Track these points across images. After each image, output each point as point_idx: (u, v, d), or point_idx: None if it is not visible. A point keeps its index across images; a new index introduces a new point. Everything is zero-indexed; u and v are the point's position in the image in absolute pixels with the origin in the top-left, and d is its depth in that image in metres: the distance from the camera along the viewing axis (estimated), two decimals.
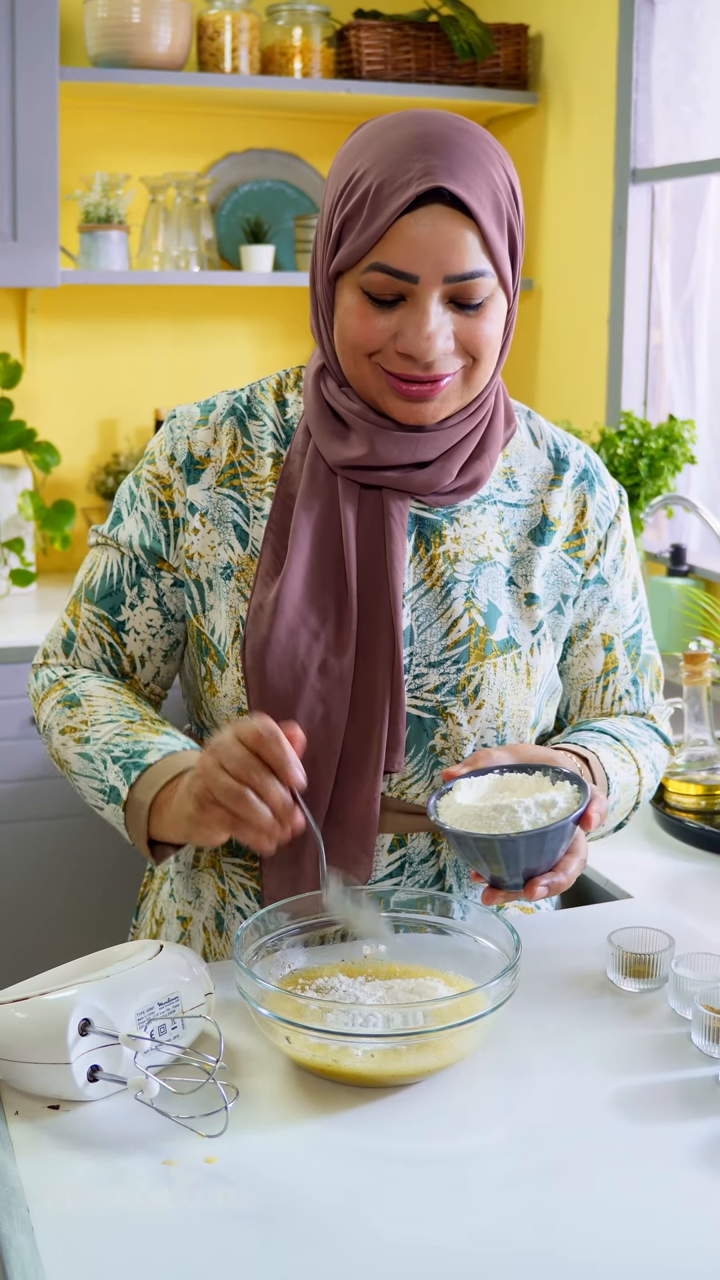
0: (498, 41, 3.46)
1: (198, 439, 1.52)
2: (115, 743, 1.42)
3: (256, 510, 1.49)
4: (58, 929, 3.07)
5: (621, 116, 3.20)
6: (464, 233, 1.36)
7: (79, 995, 1.18)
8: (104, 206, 3.35)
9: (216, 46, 3.39)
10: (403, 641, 1.44)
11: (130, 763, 1.40)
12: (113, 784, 1.40)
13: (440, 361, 1.38)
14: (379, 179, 1.36)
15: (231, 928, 1.52)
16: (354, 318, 1.39)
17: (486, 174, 1.37)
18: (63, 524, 3.36)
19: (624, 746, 1.54)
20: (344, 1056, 1.19)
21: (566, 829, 1.29)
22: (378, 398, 1.43)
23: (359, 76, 3.43)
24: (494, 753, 1.38)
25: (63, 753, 1.48)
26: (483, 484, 1.49)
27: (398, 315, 1.38)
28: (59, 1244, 1.02)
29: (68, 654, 1.56)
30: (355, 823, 1.44)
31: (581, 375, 3.42)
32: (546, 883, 1.31)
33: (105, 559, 1.54)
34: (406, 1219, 1.05)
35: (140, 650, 1.54)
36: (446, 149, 1.36)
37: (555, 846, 1.30)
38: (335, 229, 1.40)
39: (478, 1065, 1.25)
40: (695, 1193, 1.09)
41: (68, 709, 1.48)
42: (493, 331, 1.41)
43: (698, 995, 1.28)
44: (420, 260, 1.35)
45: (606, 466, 2.89)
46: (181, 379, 3.69)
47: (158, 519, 1.52)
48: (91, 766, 1.43)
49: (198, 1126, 1.14)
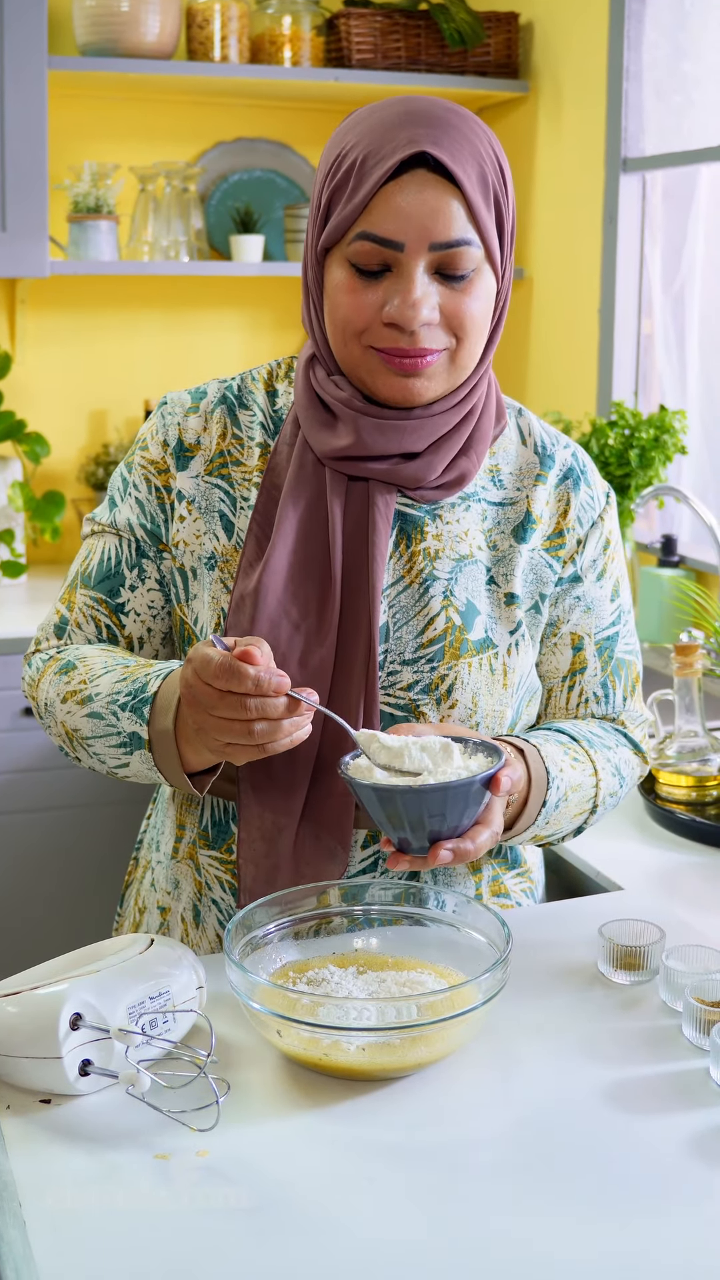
0: (488, 30, 3.46)
1: (189, 426, 1.52)
2: (118, 690, 1.41)
3: (243, 500, 1.49)
4: (46, 922, 3.07)
5: (612, 105, 3.19)
6: (449, 200, 1.36)
7: (70, 990, 1.18)
8: (93, 196, 3.34)
9: (206, 35, 3.38)
10: (378, 637, 1.44)
11: (137, 703, 1.38)
12: (130, 730, 1.39)
13: (425, 333, 1.38)
14: (365, 151, 1.37)
15: (208, 920, 1.52)
16: (342, 293, 1.40)
17: (473, 146, 1.38)
18: (53, 515, 3.36)
19: (580, 747, 1.50)
20: (335, 1050, 1.19)
21: (472, 786, 1.27)
22: (367, 378, 1.42)
23: (349, 65, 3.42)
24: (417, 726, 1.37)
25: (70, 721, 1.45)
26: (468, 481, 1.49)
27: (384, 286, 1.38)
28: (51, 1238, 1.02)
29: (60, 638, 1.55)
30: (331, 817, 1.44)
31: (572, 365, 3.42)
32: (450, 847, 1.28)
33: (102, 545, 1.54)
34: (398, 1211, 1.05)
35: (140, 632, 1.53)
36: (432, 121, 1.37)
37: (461, 806, 1.28)
38: (324, 204, 1.41)
39: (469, 1058, 1.25)
40: (686, 1184, 1.09)
41: (64, 675, 1.47)
42: (479, 309, 1.41)
43: (688, 988, 1.29)
44: (405, 227, 1.36)
45: (597, 457, 2.89)
46: (171, 369, 3.68)
47: (155, 503, 1.51)
48: (104, 724, 1.41)
49: (189, 1120, 1.14)
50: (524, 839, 1.48)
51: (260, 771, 1.41)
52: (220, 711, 1.26)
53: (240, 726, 1.26)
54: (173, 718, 1.35)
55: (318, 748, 1.42)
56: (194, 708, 1.29)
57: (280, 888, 1.40)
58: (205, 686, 1.26)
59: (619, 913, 1.51)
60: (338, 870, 1.44)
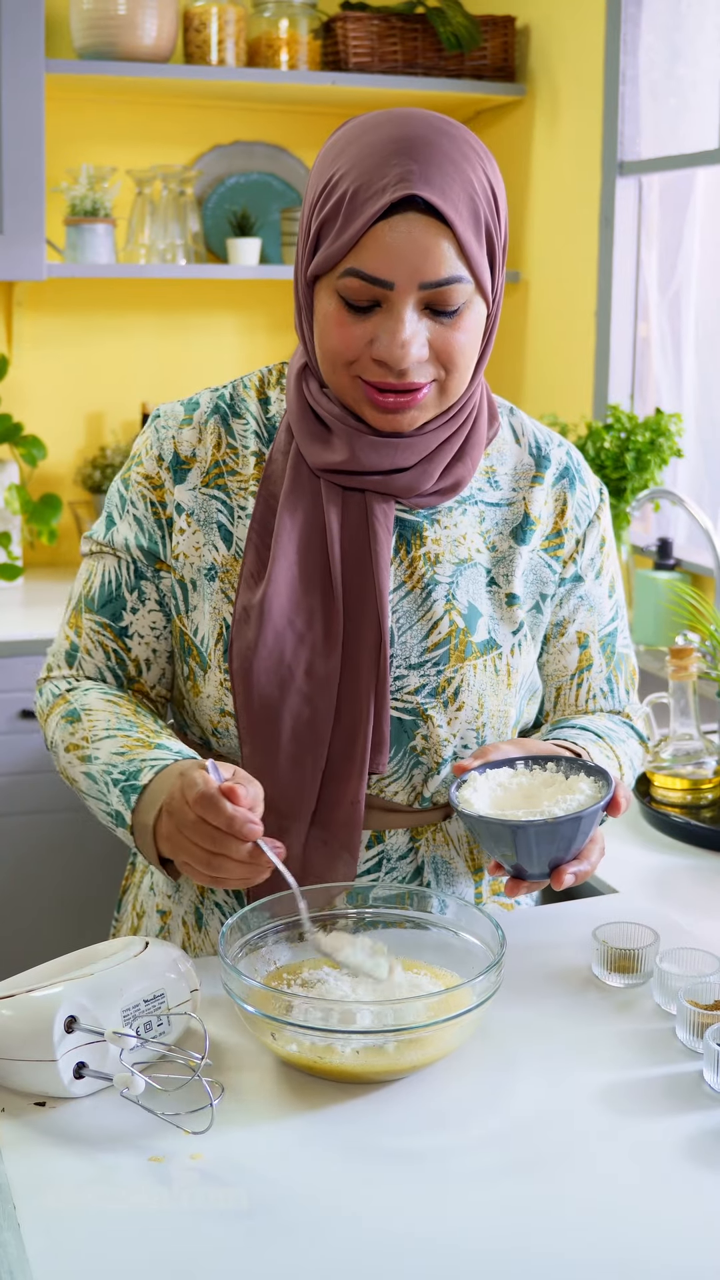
0: (485, 33, 3.46)
1: (183, 439, 1.52)
2: (114, 764, 1.42)
3: (241, 509, 1.49)
4: (44, 924, 3.07)
5: (609, 109, 3.20)
6: (439, 240, 1.35)
7: (65, 992, 1.18)
8: (90, 199, 3.34)
9: (203, 38, 3.38)
10: (388, 643, 1.44)
11: (128, 786, 1.39)
12: (116, 809, 1.40)
13: (414, 370, 1.38)
14: (355, 183, 1.35)
15: (210, 923, 1.52)
16: (331, 325, 1.39)
17: (465, 179, 1.36)
18: (49, 518, 3.36)
19: (606, 743, 1.54)
20: (329, 1053, 1.19)
21: (597, 815, 1.32)
22: (354, 407, 1.43)
23: (346, 68, 3.42)
24: (502, 746, 1.41)
25: (70, 771, 1.48)
26: (464, 486, 1.49)
27: (373, 321, 1.37)
28: (46, 1240, 1.02)
29: (71, 665, 1.55)
30: (340, 824, 1.44)
31: (568, 368, 3.42)
32: (574, 870, 1.33)
33: (102, 567, 1.53)
34: (392, 1214, 1.06)
35: (145, 654, 1.54)
36: (424, 153, 1.35)
37: (586, 833, 1.32)
38: (313, 232, 1.39)
39: (463, 1061, 1.25)
40: (679, 1187, 1.09)
41: (69, 725, 1.48)
42: (468, 341, 1.40)
43: (682, 990, 1.29)
44: (395, 267, 1.34)
45: (593, 460, 2.90)
46: (168, 372, 3.69)
47: (151, 520, 1.51)
48: (96, 789, 1.43)
49: (183, 1123, 1.15)
50: None
51: (268, 777, 1.42)
52: (189, 833, 1.30)
53: (201, 854, 1.29)
54: (155, 815, 1.37)
55: (326, 752, 1.43)
56: (170, 818, 1.32)
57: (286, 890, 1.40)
58: (184, 806, 1.30)
59: (613, 915, 1.52)
60: (345, 873, 1.45)
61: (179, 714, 1.57)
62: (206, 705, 1.47)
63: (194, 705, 1.50)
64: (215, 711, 1.47)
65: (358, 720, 1.42)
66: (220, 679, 1.46)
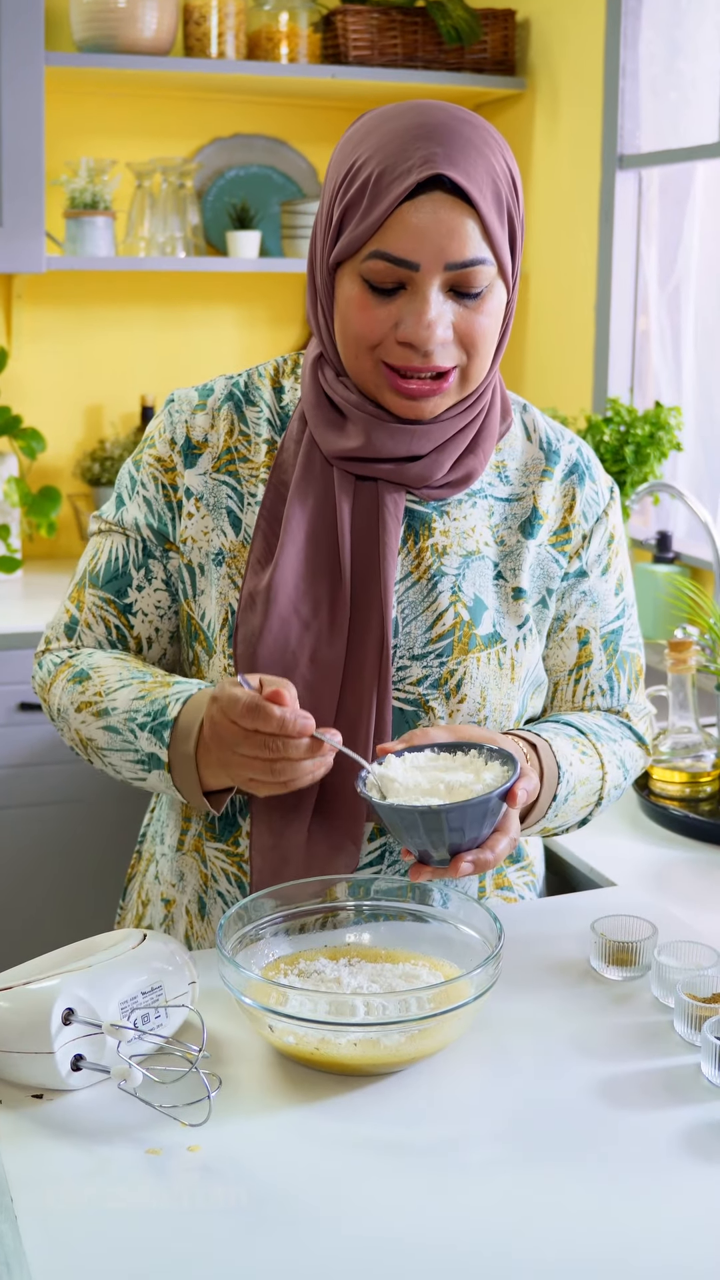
0: (485, 27, 3.46)
1: (196, 423, 1.52)
2: (135, 709, 1.41)
3: (250, 496, 1.50)
4: (46, 917, 3.07)
5: (609, 102, 3.19)
6: (464, 220, 1.36)
7: (62, 984, 1.18)
8: (90, 192, 3.34)
9: (203, 31, 3.38)
10: (391, 633, 1.44)
11: (157, 725, 1.39)
12: (149, 751, 1.40)
13: (438, 352, 1.38)
14: (379, 167, 1.36)
15: (213, 912, 1.53)
16: (355, 309, 1.39)
17: (487, 163, 1.37)
18: (48, 510, 3.36)
19: (588, 740, 1.52)
20: (327, 1045, 1.19)
21: (489, 803, 1.27)
22: (376, 393, 1.43)
23: (346, 62, 3.42)
24: (430, 731, 1.37)
25: (85, 730, 1.46)
26: (475, 479, 1.49)
27: (398, 304, 1.38)
28: (43, 1232, 1.02)
29: (70, 638, 1.55)
30: (343, 813, 1.44)
31: (568, 362, 3.42)
32: (471, 859, 1.29)
33: (110, 544, 1.54)
34: (389, 1206, 1.06)
35: (148, 632, 1.54)
36: (447, 137, 1.36)
37: (479, 821, 1.28)
38: (336, 218, 1.40)
39: (461, 1053, 1.25)
40: (676, 1180, 1.09)
41: (78, 684, 1.48)
42: (491, 325, 1.41)
43: (680, 983, 1.29)
44: (420, 248, 1.35)
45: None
46: (168, 365, 3.68)
47: (162, 502, 1.52)
48: (121, 739, 1.42)
49: (181, 1115, 1.15)
50: (532, 832, 1.50)
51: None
52: (245, 750, 1.29)
53: (263, 765, 1.30)
54: (194, 743, 1.37)
55: None
56: (218, 744, 1.32)
57: (289, 880, 1.41)
58: (231, 725, 1.29)
59: (612, 908, 1.52)
60: (348, 864, 1.45)
61: None
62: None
63: None
64: None
65: (360, 709, 1.42)
66: (224, 664, 1.46)
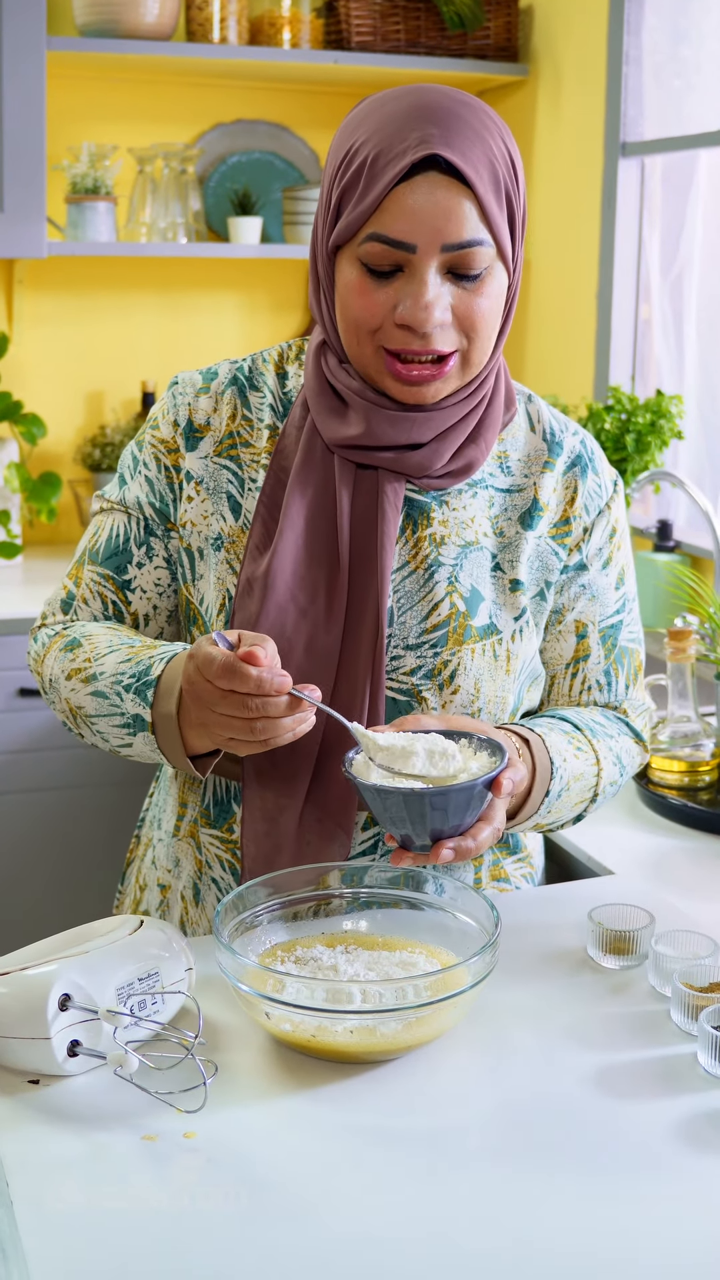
0: (488, 13, 3.44)
1: (199, 406, 1.52)
2: (122, 671, 1.41)
3: (251, 481, 1.49)
4: (45, 902, 3.07)
5: (612, 89, 3.18)
6: (461, 201, 1.35)
7: (59, 970, 1.18)
8: (91, 177, 3.33)
9: (205, 16, 3.37)
10: (385, 622, 1.44)
11: (141, 685, 1.39)
12: (134, 713, 1.39)
13: (437, 334, 1.38)
14: (375, 149, 1.36)
15: (207, 899, 1.53)
16: (354, 293, 1.39)
17: (485, 144, 1.36)
18: (49, 496, 3.35)
19: (583, 736, 1.51)
20: (323, 1032, 1.19)
21: (474, 789, 1.27)
22: (377, 378, 1.43)
23: (348, 47, 3.41)
24: (422, 718, 1.37)
25: (74, 699, 1.46)
26: (475, 469, 1.49)
27: (396, 286, 1.37)
28: (38, 1217, 1.02)
29: (67, 613, 1.55)
30: (334, 800, 1.44)
31: (569, 349, 3.42)
32: (452, 846, 1.28)
33: (111, 522, 1.54)
34: (385, 1194, 1.06)
35: (145, 609, 1.54)
36: (443, 119, 1.35)
37: (463, 808, 1.27)
38: (334, 202, 1.40)
39: (457, 1041, 1.25)
40: (672, 1169, 1.09)
41: (69, 652, 1.48)
42: (491, 308, 1.40)
43: (677, 973, 1.29)
44: (417, 229, 1.35)
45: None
46: (169, 351, 3.68)
47: (164, 482, 1.52)
48: (107, 704, 1.42)
49: (177, 1102, 1.15)
50: (525, 827, 1.48)
51: (263, 754, 1.41)
52: (222, 709, 1.28)
53: (242, 724, 1.28)
54: (176, 702, 1.36)
55: (322, 733, 1.43)
56: (196, 703, 1.30)
57: (281, 868, 1.40)
58: (207, 684, 1.28)
59: (609, 897, 1.52)
60: (340, 853, 1.45)
61: None
62: None
63: None
64: None
65: (354, 698, 1.42)
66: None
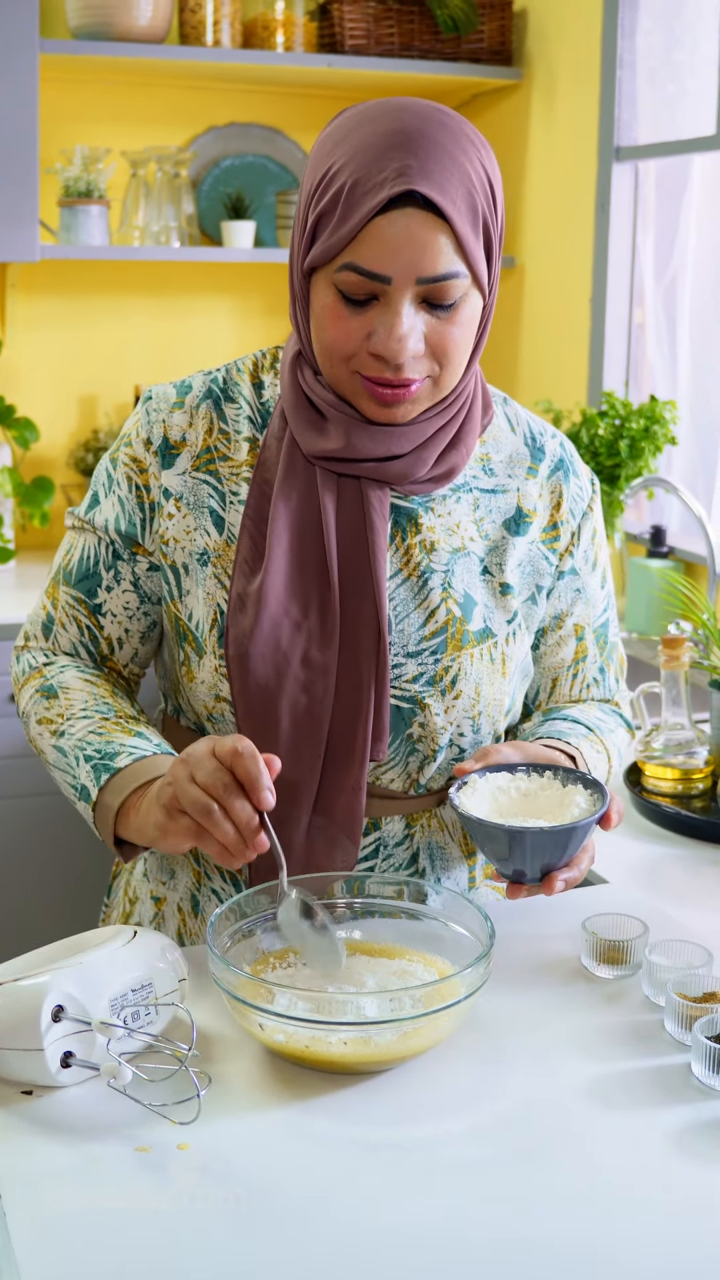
0: (482, 16, 3.44)
1: (174, 423, 1.51)
2: (88, 740, 1.43)
3: (233, 495, 1.49)
4: (32, 909, 3.07)
5: (606, 93, 3.18)
6: (437, 235, 1.34)
7: (52, 981, 1.18)
8: (84, 180, 3.33)
9: (198, 19, 3.37)
10: (387, 631, 1.44)
11: (101, 764, 1.40)
12: (83, 783, 1.41)
13: (410, 365, 1.37)
14: (353, 177, 1.34)
15: (207, 909, 1.52)
16: (329, 318, 1.38)
17: (463, 172, 1.35)
18: (42, 500, 3.35)
19: (597, 737, 1.56)
20: (317, 1043, 1.19)
21: (591, 826, 1.35)
22: (351, 399, 1.42)
23: (342, 51, 3.41)
24: (502, 749, 1.42)
25: (39, 742, 1.49)
26: (458, 474, 1.49)
27: (370, 315, 1.37)
28: (31, 1229, 1.02)
29: (47, 637, 1.56)
30: (341, 811, 1.44)
31: (563, 354, 3.42)
32: (565, 877, 1.35)
33: (82, 542, 1.54)
34: (379, 1205, 1.05)
35: (118, 632, 1.54)
36: (422, 147, 1.34)
37: (578, 843, 1.35)
38: (310, 224, 1.38)
39: (451, 1051, 1.25)
40: (666, 1178, 1.09)
41: (45, 700, 1.49)
42: (463, 335, 1.40)
43: (671, 983, 1.29)
44: (392, 262, 1.33)
45: (587, 447, 2.89)
46: (162, 355, 3.67)
47: (134, 502, 1.51)
48: (65, 761, 1.44)
49: (170, 1113, 1.14)
50: None
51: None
52: (201, 777, 1.27)
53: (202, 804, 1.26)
54: (123, 799, 1.37)
55: (326, 740, 1.43)
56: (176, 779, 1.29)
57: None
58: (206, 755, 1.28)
59: (603, 906, 1.51)
60: (346, 862, 1.45)
61: (174, 698, 1.56)
62: (201, 690, 1.47)
63: (189, 690, 1.49)
64: (210, 697, 1.47)
65: (358, 709, 1.42)
66: (215, 664, 1.45)
